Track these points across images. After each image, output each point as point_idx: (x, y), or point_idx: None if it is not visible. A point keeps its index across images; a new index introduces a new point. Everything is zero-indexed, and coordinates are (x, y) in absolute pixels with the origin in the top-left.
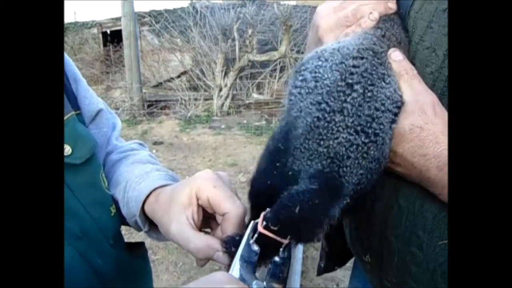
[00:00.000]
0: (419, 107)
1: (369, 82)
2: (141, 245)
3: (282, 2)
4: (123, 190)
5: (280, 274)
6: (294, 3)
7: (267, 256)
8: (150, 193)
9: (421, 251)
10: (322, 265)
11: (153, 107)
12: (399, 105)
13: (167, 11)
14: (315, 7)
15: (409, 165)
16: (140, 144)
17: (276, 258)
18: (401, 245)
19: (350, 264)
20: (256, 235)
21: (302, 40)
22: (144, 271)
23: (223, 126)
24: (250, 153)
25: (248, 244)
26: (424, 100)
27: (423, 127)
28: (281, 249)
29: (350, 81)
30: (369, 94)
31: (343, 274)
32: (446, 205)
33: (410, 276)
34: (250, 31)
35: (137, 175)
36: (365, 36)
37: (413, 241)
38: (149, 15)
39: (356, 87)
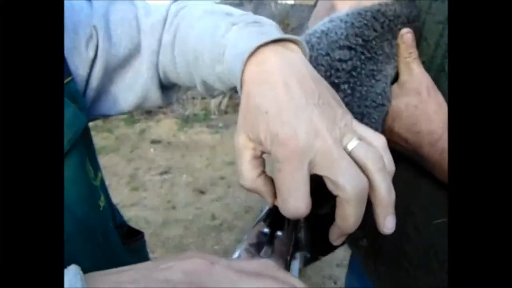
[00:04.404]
0: (415, 88)
1: (358, 83)
2: (140, 233)
3: (279, 1)
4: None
5: (283, 247)
6: (291, 2)
7: (274, 234)
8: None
9: (416, 230)
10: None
11: None
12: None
13: None
14: (312, 6)
15: (403, 142)
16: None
17: (279, 233)
18: (396, 224)
19: (347, 262)
20: (269, 218)
21: None
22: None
23: (221, 125)
24: None
25: (259, 228)
26: (420, 82)
27: (418, 106)
28: (285, 222)
29: (336, 80)
30: (357, 94)
31: (341, 272)
32: (441, 183)
33: (404, 257)
34: None
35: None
36: (358, 15)
37: (408, 220)
38: None
39: (343, 87)
